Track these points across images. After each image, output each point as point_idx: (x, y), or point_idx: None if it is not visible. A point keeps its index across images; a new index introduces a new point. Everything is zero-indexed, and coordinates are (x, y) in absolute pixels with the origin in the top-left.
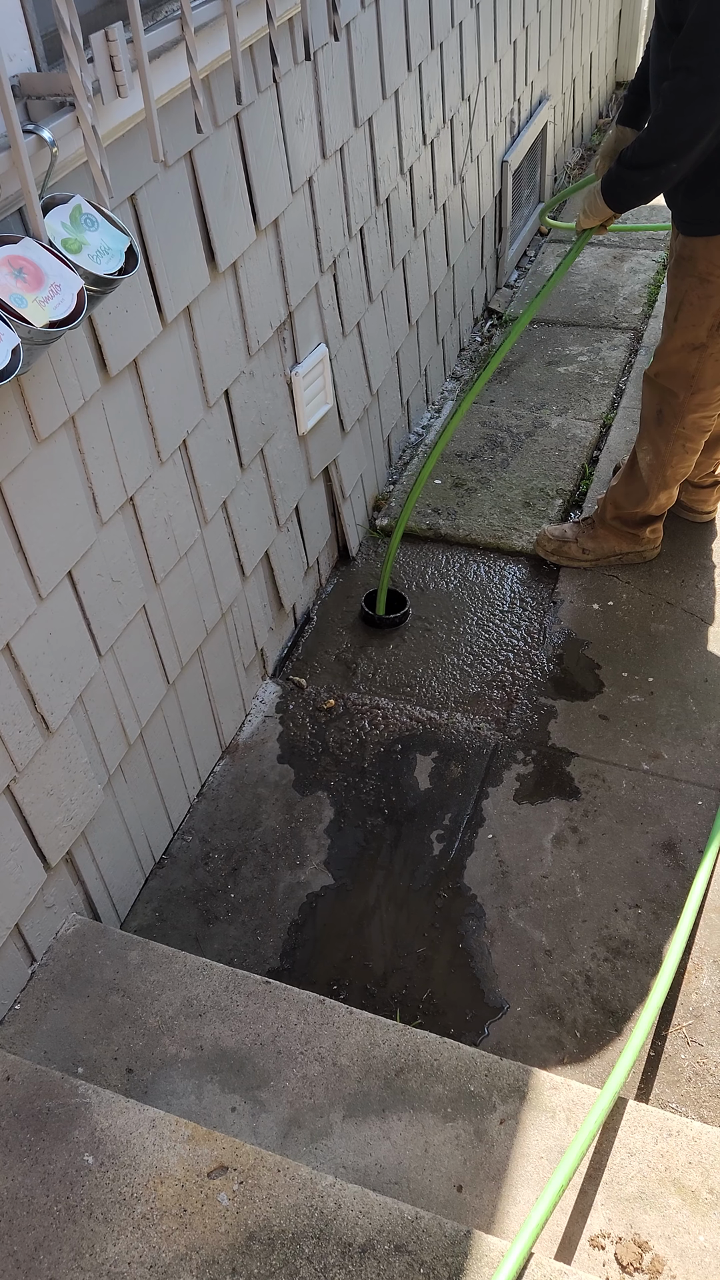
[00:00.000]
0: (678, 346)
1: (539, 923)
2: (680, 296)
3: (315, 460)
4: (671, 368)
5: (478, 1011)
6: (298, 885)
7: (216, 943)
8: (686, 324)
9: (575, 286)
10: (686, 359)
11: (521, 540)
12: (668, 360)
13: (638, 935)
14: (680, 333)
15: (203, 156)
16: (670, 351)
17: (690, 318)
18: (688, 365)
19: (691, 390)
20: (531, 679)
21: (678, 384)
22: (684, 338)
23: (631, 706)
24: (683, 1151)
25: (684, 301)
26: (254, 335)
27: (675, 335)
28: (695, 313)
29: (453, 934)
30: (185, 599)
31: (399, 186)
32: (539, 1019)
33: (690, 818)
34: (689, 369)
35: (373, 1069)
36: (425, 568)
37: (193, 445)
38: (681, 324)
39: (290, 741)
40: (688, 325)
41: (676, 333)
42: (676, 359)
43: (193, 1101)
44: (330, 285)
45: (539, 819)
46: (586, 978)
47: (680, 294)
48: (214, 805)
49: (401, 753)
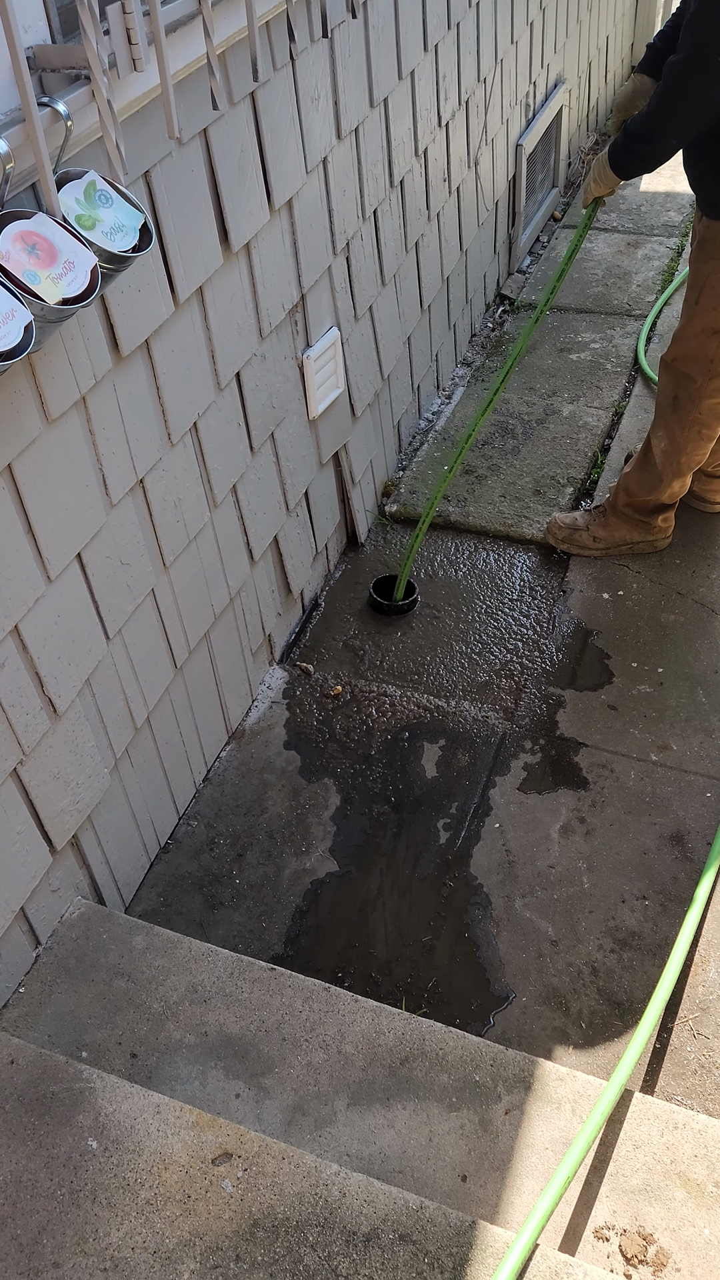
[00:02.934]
0: (697, 331)
1: (545, 913)
2: (702, 280)
3: (325, 445)
4: (690, 352)
5: (483, 1001)
6: (303, 872)
7: (221, 928)
8: (707, 307)
9: (588, 273)
10: (705, 343)
11: (532, 528)
12: (686, 345)
13: (645, 927)
14: (700, 316)
15: (218, 134)
16: (689, 336)
17: (712, 300)
18: (706, 350)
19: (709, 375)
20: (540, 668)
21: (695, 369)
22: (704, 321)
23: (641, 697)
24: (688, 1144)
25: (705, 285)
26: (266, 317)
27: (695, 319)
28: (716, 296)
29: (458, 923)
30: (194, 583)
31: (413, 169)
32: (545, 1009)
33: (699, 810)
34: (707, 354)
35: (378, 1057)
36: (434, 555)
37: (203, 428)
38: (702, 307)
39: (297, 728)
40: (708, 308)
41: (696, 316)
42: (695, 343)
43: (197, 1088)
44: (343, 268)
45: (546, 809)
46: (593, 969)
47: (702, 277)
48: (220, 791)
49: (409, 740)
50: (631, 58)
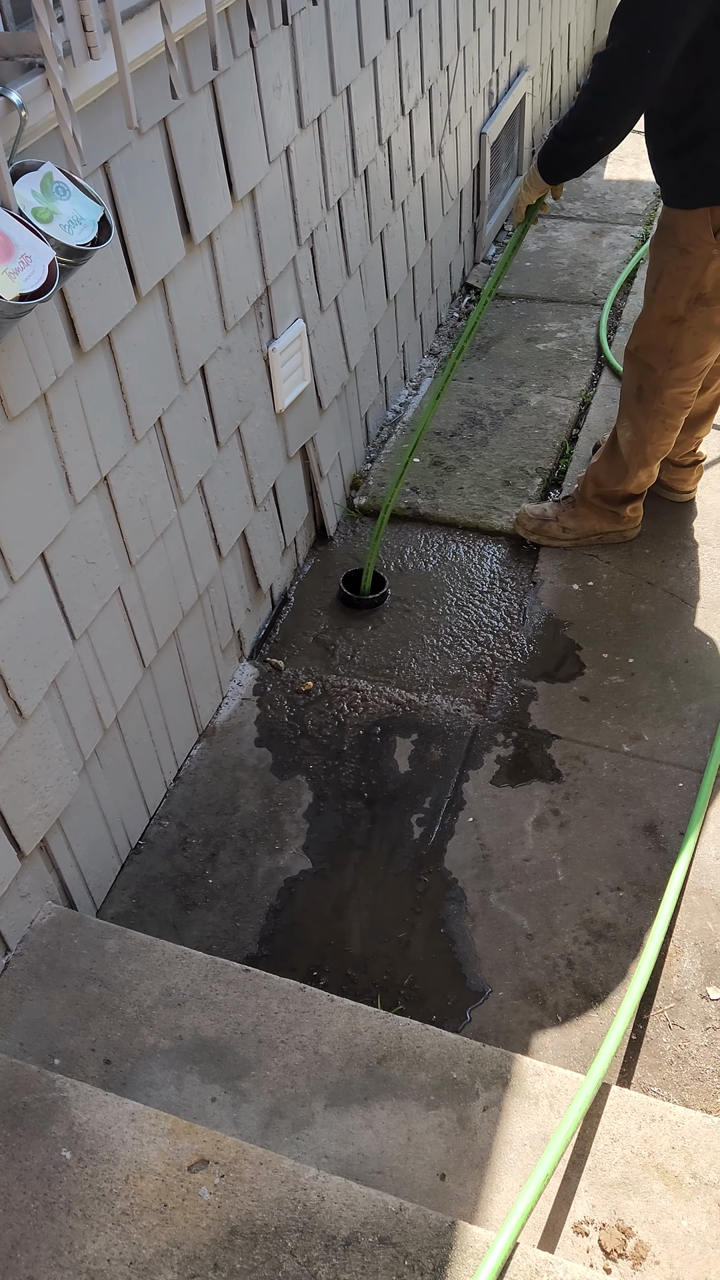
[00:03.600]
0: (657, 319)
1: (521, 906)
2: (660, 267)
3: (293, 438)
4: (650, 341)
5: (460, 996)
6: (277, 870)
7: (195, 929)
8: (665, 295)
9: (554, 262)
10: (665, 332)
11: (501, 520)
12: (646, 333)
13: (619, 918)
14: (659, 304)
15: (178, 124)
16: (649, 324)
17: (669, 289)
18: (666, 339)
19: (670, 365)
20: (512, 660)
21: (657, 359)
22: (663, 310)
23: (612, 688)
24: (666, 1136)
25: (663, 272)
26: (230, 310)
27: (654, 307)
28: (674, 284)
29: (434, 918)
30: (161, 581)
31: (377, 158)
32: (521, 1003)
33: (671, 799)
34: (667, 343)
35: (355, 1057)
36: (404, 547)
37: (168, 423)
38: (660, 295)
39: (268, 724)
40: (667, 297)
41: (655, 304)
42: (655, 332)
43: (172, 1093)
44: (308, 259)
45: (520, 802)
46: (569, 961)
47: (660, 265)
48: (191, 790)
49: (381, 735)
50: (593, 44)
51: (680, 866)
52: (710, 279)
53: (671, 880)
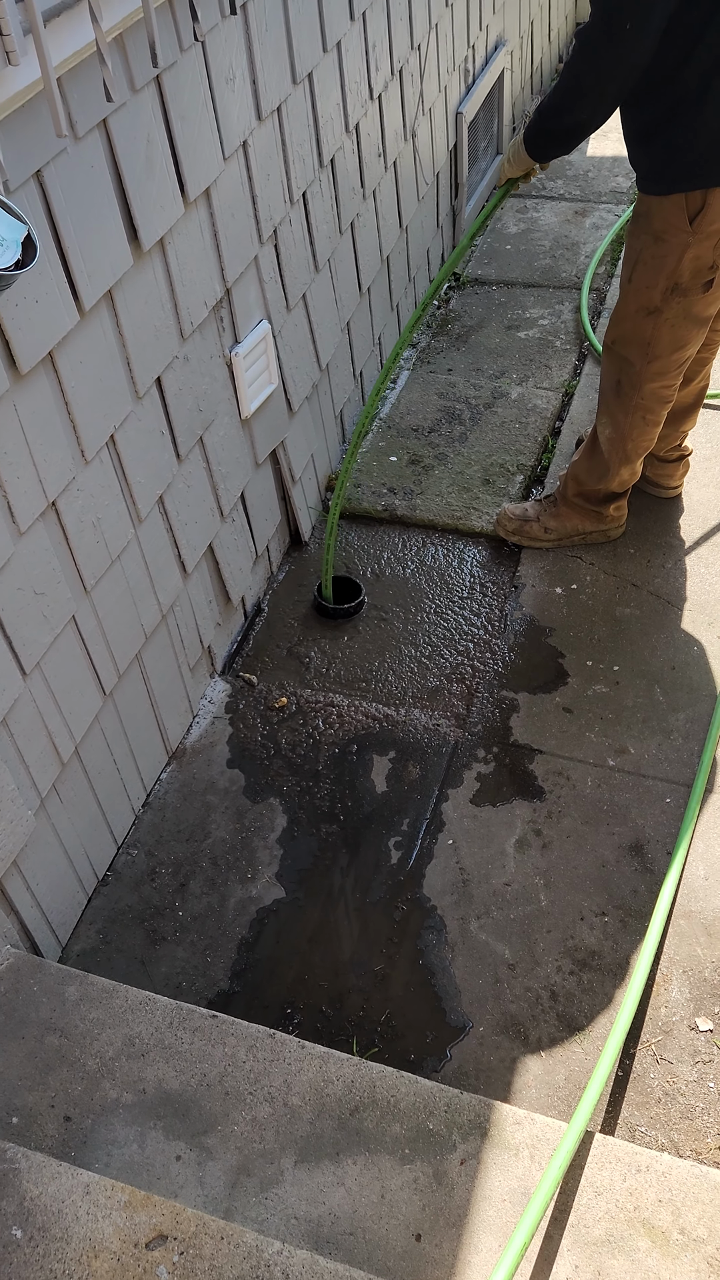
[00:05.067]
0: (632, 310)
1: (502, 934)
2: (635, 256)
3: (261, 444)
4: (626, 334)
5: (439, 1033)
6: (249, 900)
7: (164, 965)
8: (641, 284)
9: (536, 245)
10: (641, 324)
11: (481, 520)
12: (623, 326)
13: (604, 945)
14: (635, 295)
15: (119, 125)
16: (625, 316)
17: (645, 277)
18: (643, 331)
19: (648, 359)
20: (492, 670)
21: (634, 352)
22: (638, 300)
23: (597, 698)
24: (652, 1189)
25: (638, 261)
26: (187, 317)
27: (630, 298)
28: (649, 272)
29: (412, 949)
30: (120, 604)
31: (344, 146)
32: (502, 1039)
33: (658, 816)
34: (644, 336)
35: (326, 1108)
36: (381, 552)
37: (122, 440)
38: (636, 285)
39: (240, 744)
40: (642, 286)
41: (630, 295)
42: (631, 324)
43: (135, 1151)
44: (271, 257)
45: (501, 822)
46: (551, 993)
47: (635, 253)
48: (160, 816)
49: (357, 753)
50: (576, 14)
51: (667, 889)
52: (687, 268)
53: (658, 904)
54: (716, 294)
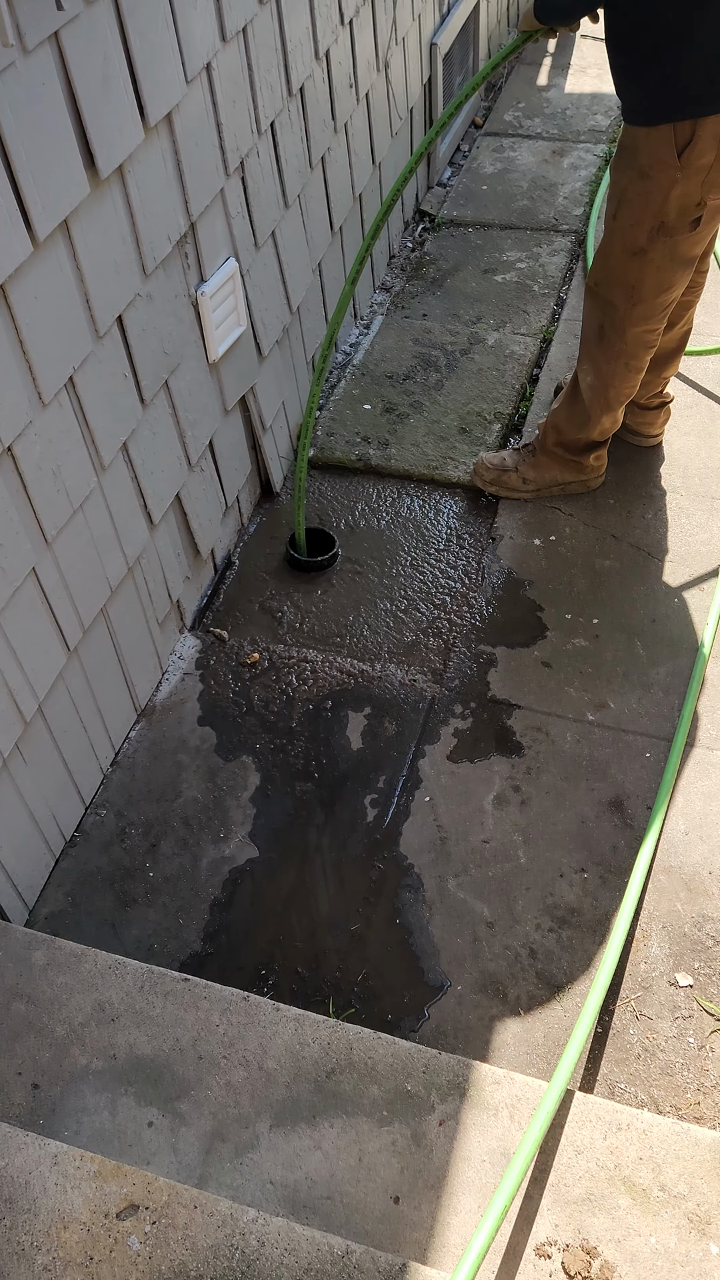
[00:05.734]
0: (617, 249)
1: (480, 892)
2: (620, 193)
3: (230, 390)
4: (611, 276)
5: (416, 993)
6: (222, 860)
7: (135, 928)
8: (626, 223)
9: (513, 185)
10: (626, 265)
11: (457, 471)
12: (607, 266)
13: (584, 902)
14: (620, 234)
15: (73, 40)
16: (609, 255)
17: (630, 216)
18: (628, 273)
19: (632, 301)
20: (470, 624)
21: (618, 295)
22: (624, 239)
23: (576, 652)
24: (633, 1146)
25: (623, 199)
26: (149, 251)
27: (614, 237)
28: (634, 210)
29: (389, 908)
30: (84, 556)
31: (314, 74)
32: (481, 998)
33: (638, 772)
34: (629, 278)
35: (302, 1071)
36: (355, 503)
37: (82, 382)
38: (621, 222)
39: (212, 701)
40: (627, 225)
41: (615, 234)
42: (615, 265)
43: (106, 1118)
44: (238, 190)
45: (479, 779)
46: (531, 950)
47: (620, 190)
48: (130, 775)
49: (332, 710)
50: None
51: (648, 845)
52: (674, 205)
53: (638, 860)
54: (704, 233)
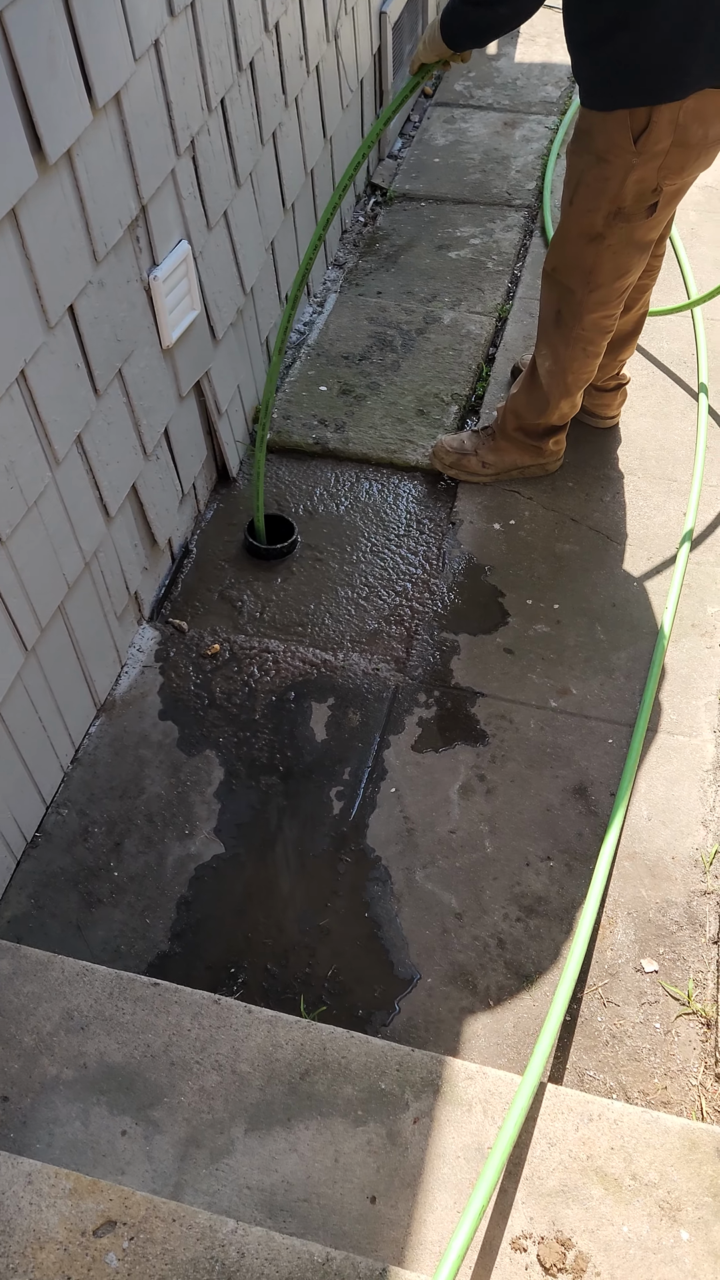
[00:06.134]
0: (574, 235)
1: (448, 883)
2: (577, 177)
3: (184, 375)
4: (568, 261)
5: (387, 986)
6: (187, 858)
7: (101, 929)
8: (582, 208)
9: (465, 158)
10: (583, 251)
11: (416, 454)
12: (564, 251)
13: (551, 890)
14: (576, 219)
15: (17, 20)
16: (566, 240)
17: (586, 201)
18: (584, 259)
19: (589, 287)
20: (432, 611)
21: (575, 280)
22: (580, 225)
23: (538, 638)
24: (604, 1137)
25: (580, 183)
26: (100, 237)
27: (571, 221)
28: (591, 196)
29: (357, 901)
30: (39, 554)
31: (264, 47)
32: (451, 989)
33: (602, 758)
34: (586, 263)
35: (276, 1073)
36: (313, 488)
37: (34, 375)
38: (578, 208)
39: (173, 694)
40: (584, 210)
41: (572, 219)
42: (572, 250)
43: (78, 1129)
44: (189, 169)
45: (445, 768)
46: (499, 940)
47: (577, 174)
48: (92, 772)
49: (295, 701)
50: None
51: (612, 833)
52: (630, 191)
53: (603, 848)
54: (660, 218)
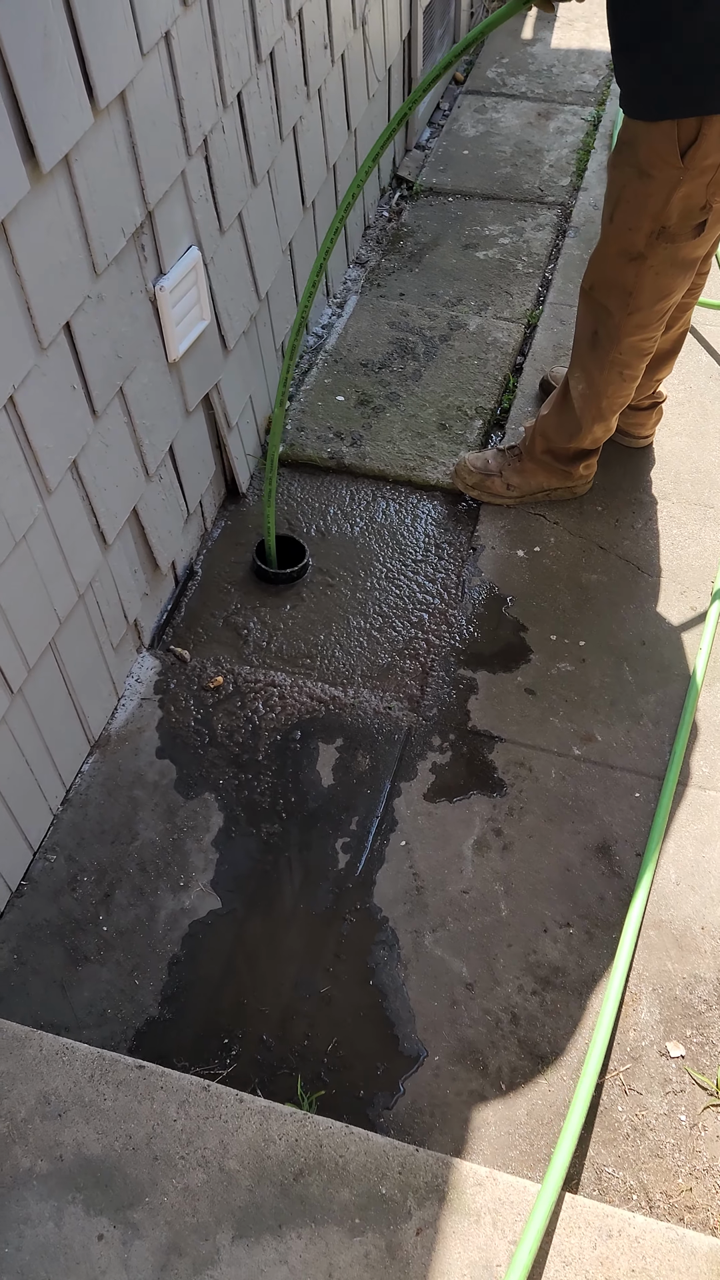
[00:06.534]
0: (613, 253)
1: (459, 949)
2: (618, 191)
3: (192, 389)
4: (607, 279)
5: (391, 1064)
6: (181, 912)
7: (86, 989)
8: (623, 225)
9: (495, 151)
10: (623, 270)
11: (436, 471)
12: (603, 269)
13: (569, 960)
14: (616, 237)
15: (7, 15)
16: (606, 258)
17: (627, 218)
18: (624, 278)
19: (629, 309)
20: (449, 645)
21: (614, 301)
22: (620, 243)
23: (561, 677)
24: (624, 1256)
25: (620, 198)
26: (100, 248)
27: (610, 239)
28: (632, 212)
29: (361, 967)
30: (28, 589)
31: (285, 36)
32: (459, 1069)
33: (626, 813)
34: (626, 283)
35: (267, 1172)
36: (327, 506)
37: (23, 401)
38: (618, 225)
39: (171, 730)
40: (624, 227)
41: (612, 236)
42: (611, 269)
43: (51, 1230)
44: (201, 170)
45: (458, 820)
46: (512, 1015)
47: (618, 188)
48: (82, 814)
49: (301, 741)
50: None
51: (639, 899)
52: (676, 208)
53: (628, 917)
54: (708, 236)
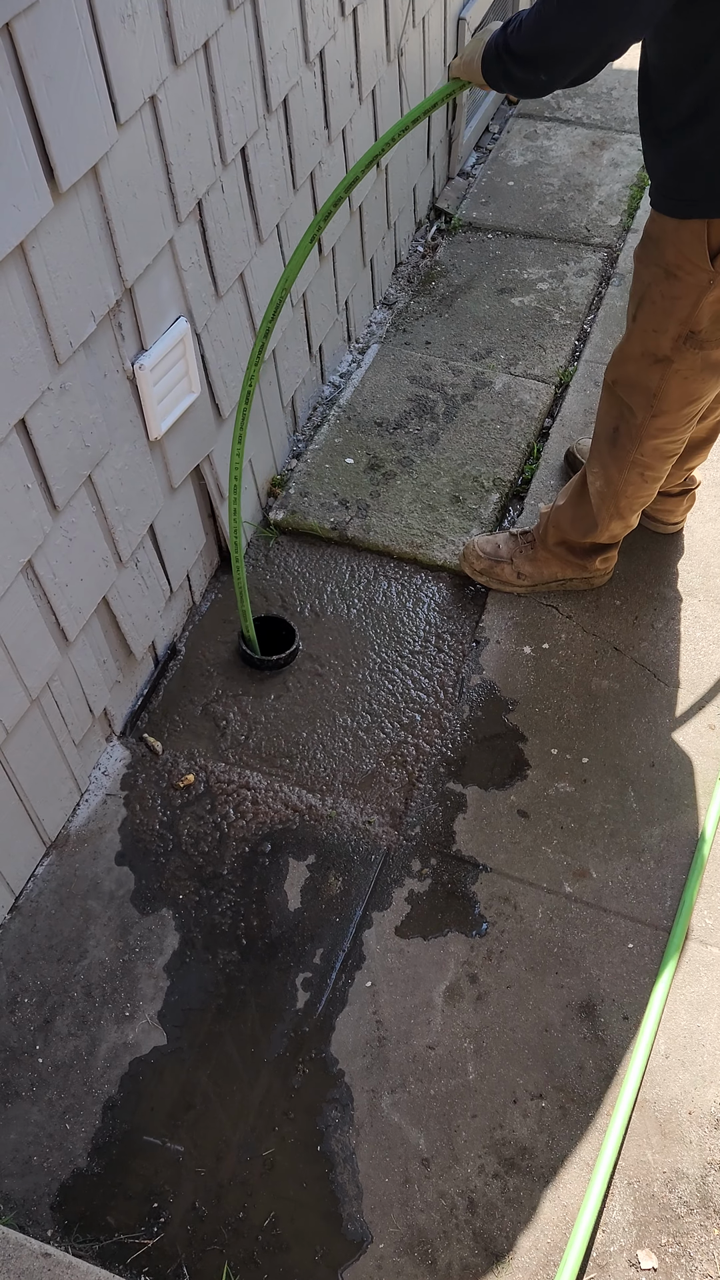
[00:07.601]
0: (637, 354)
1: (418, 1116)
2: (643, 290)
3: (177, 465)
4: (630, 378)
5: (331, 1248)
6: (123, 1047)
7: (14, 1131)
8: (647, 326)
9: (543, 183)
10: (647, 372)
11: (444, 551)
12: (625, 368)
13: (538, 1140)
14: (640, 337)
15: None
16: (629, 358)
17: (652, 319)
18: (648, 380)
19: (653, 412)
20: (440, 753)
21: (637, 401)
22: (644, 344)
23: (559, 799)
24: None
25: (645, 297)
26: (62, 336)
27: (634, 338)
28: (657, 314)
29: (310, 1128)
30: None
31: (302, 81)
32: (405, 1262)
33: (616, 966)
34: (650, 385)
35: None
36: (325, 583)
37: None
38: (642, 325)
39: (134, 832)
40: (648, 329)
41: (635, 335)
42: (635, 369)
43: None
44: (194, 236)
45: (431, 961)
46: (470, 1201)
47: (643, 286)
48: (31, 924)
49: (270, 855)
50: None
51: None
52: (706, 313)
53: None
54: None
